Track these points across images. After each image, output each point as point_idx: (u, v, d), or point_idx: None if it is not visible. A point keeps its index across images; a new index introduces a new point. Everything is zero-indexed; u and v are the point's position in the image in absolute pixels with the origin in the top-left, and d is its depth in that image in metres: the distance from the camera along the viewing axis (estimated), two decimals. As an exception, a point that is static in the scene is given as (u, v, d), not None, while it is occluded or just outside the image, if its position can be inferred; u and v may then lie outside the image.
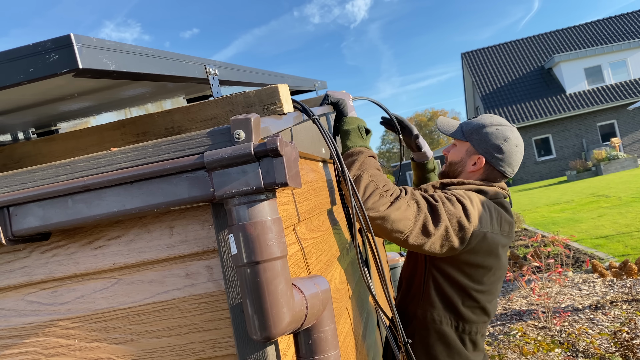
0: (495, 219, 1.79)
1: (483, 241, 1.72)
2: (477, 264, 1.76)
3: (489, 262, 1.78)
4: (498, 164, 1.90)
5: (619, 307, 5.82)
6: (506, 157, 1.90)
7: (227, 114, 1.24)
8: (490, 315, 1.86)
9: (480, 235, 1.70)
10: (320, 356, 0.95)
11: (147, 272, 1.00)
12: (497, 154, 1.89)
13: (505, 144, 1.89)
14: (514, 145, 1.90)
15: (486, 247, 1.74)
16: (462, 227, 1.66)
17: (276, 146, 0.81)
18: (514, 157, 1.91)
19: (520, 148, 1.93)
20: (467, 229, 1.67)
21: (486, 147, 1.91)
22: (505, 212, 1.88)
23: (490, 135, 1.91)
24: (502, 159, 1.90)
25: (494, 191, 1.87)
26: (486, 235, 1.73)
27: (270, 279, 0.84)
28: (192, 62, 1.12)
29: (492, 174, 1.93)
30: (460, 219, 1.66)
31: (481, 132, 1.93)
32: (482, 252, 1.75)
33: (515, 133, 1.93)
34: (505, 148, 1.89)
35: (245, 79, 1.51)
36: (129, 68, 0.86)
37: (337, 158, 1.38)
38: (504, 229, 1.83)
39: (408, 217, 1.60)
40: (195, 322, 0.98)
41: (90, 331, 1.02)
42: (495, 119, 1.97)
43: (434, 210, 1.65)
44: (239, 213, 0.86)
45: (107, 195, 0.87)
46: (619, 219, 10.54)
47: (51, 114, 1.52)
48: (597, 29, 30.70)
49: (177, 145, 0.90)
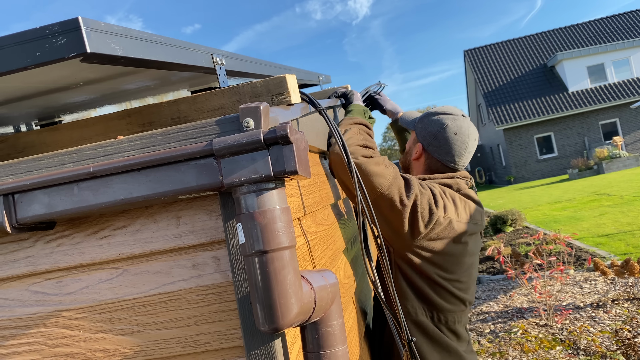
0: (462, 208, 1.79)
1: (448, 228, 1.71)
2: (442, 251, 1.73)
3: (455, 249, 1.76)
4: (435, 152, 1.89)
5: (620, 305, 5.81)
6: (442, 145, 1.87)
7: (234, 104, 1.22)
8: (467, 303, 1.83)
9: (445, 222, 1.70)
10: (327, 351, 0.94)
11: (153, 262, 0.99)
12: (433, 141, 1.88)
13: (441, 132, 1.87)
14: (451, 133, 1.86)
15: (452, 234, 1.73)
16: (430, 210, 1.66)
17: (286, 133, 0.79)
18: (452, 145, 1.86)
19: (461, 137, 1.87)
20: (434, 212, 1.66)
21: (424, 135, 1.92)
22: (472, 201, 1.87)
23: (429, 123, 1.91)
24: (438, 146, 1.88)
25: (456, 184, 1.86)
26: (452, 222, 1.72)
27: (278, 269, 0.83)
28: (200, 50, 1.11)
29: (433, 163, 1.92)
30: (429, 200, 1.66)
31: (424, 121, 1.94)
32: (446, 239, 1.73)
33: (457, 122, 1.89)
34: (442, 135, 1.87)
35: (251, 70, 1.49)
36: (137, 54, 0.84)
37: (343, 148, 1.37)
38: (474, 218, 1.83)
39: (385, 175, 1.59)
40: (201, 314, 0.97)
41: (95, 322, 1.01)
42: (444, 108, 1.96)
43: (408, 183, 1.65)
44: (247, 201, 0.84)
45: (114, 183, 0.86)
46: (621, 217, 10.52)
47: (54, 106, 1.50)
48: (600, 27, 30.60)
49: (185, 133, 0.89)
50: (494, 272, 8.24)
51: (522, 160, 27.73)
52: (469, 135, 1.89)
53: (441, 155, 1.88)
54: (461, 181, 1.88)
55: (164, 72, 1.42)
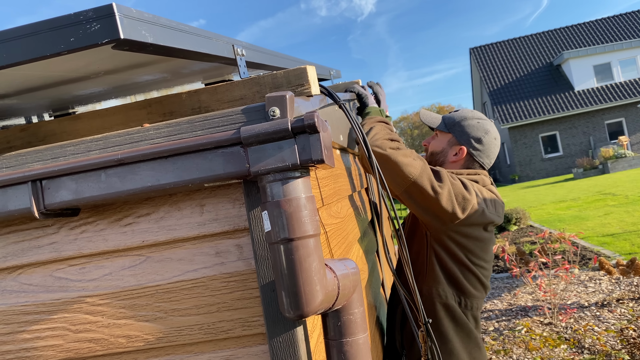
0: (489, 201, 1.92)
1: (482, 216, 1.85)
2: (474, 236, 1.88)
3: (484, 236, 1.91)
4: (478, 155, 2.03)
5: (625, 304, 5.80)
6: (485, 148, 2.02)
7: (254, 95, 1.23)
8: (487, 289, 1.98)
9: (480, 210, 1.83)
10: (349, 338, 0.95)
11: (176, 250, 1.00)
12: (478, 144, 2.02)
13: (486, 136, 2.02)
14: (492, 138, 2.03)
15: (483, 221, 1.87)
16: (464, 197, 1.78)
17: (314, 122, 0.80)
18: (493, 149, 2.04)
19: (498, 142, 2.06)
20: (469, 199, 1.79)
21: (468, 139, 2.03)
22: (495, 196, 2.00)
23: (472, 128, 2.03)
24: (482, 150, 2.02)
25: (482, 179, 1.99)
26: (484, 210, 1.86)
27: (304, 257, 0.84)
28: (222, 41, 1.11)
29: (472, 164, 2.05)
30: (461, 190, 1.79)
31: (463, 125, 2.05)
32: (479, 226, 1.87)
33: (494, 127, 2.05)
34: (486, 140, 2.02)
35: (269, 62, 1.50)
36: (165, 42, 0.85)
37: (363, 140, 1.39)
38: (498, 210, 1.97)
39: (414, 165, 1.70)
40: (224, 301, 0.98)
41: (118, 308, 1.02)
42: (476, 113, 2.09)
43: (437, 173, 1.77)
44: (273, 190, 0.85)
45: (141, 170, 0.87)
46: (626, 217, 10.49)
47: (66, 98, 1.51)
48: (606, 26, 30.45)
49: (210, 122, 0.89)
50: (498, 270, 8.24)
51: (527, 159, 27.66)
52: (499, 139, 2.09)
53: (482, 158, 2.03)
54: (486, 178, 2.02)
55: (176, 65, 1.43)
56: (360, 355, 0.94)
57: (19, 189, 0.90)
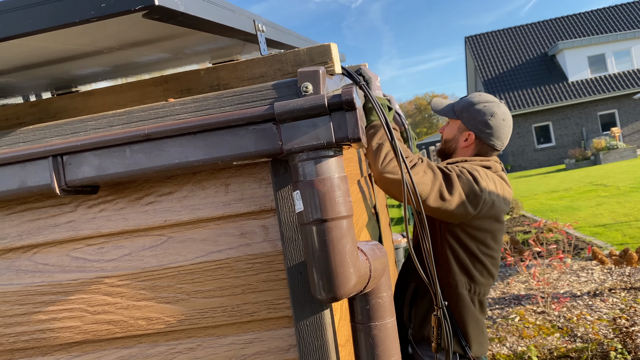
0: (500, 189, 1.95)
1: (492, 208, 1.88)
2: (485, 229, 1.92)
3: (494, 227, 1.96)
4: (488, 138, 2.04)
5: (617, 294, 5.85)
6: (494, 131, 2.03)
7: (275, 73, 1.19)
8: (495, 278, 2.04)
9: (490, 203, 1.86)
10: (378, 322, 0.93)
11: (200, 230, 0.96)
12: (486, 129, 2.03)
13: (492, 119, 2.02)
14: (501, 119, 2.03)
15: (493, 213, 1.91)
16: (475, 194, 1.81)
17: (352, 98, 0.77)
18: (502, 130, 2.04)
19: (508, 122, 2.06)
20: (479, 196, 1.81)
21: (475, 124, 2.04)
22: (505, 183, 2.04)
23: (479, 112, 2.05)
24: (490, 133, 2.03)
25: (494, 166, 2.03)
26: (494, 202, 1.89)
27: (338, 238, 0.81)
28: (244, 15, 1.07)
29: (484, 148, 2.07)
30: (472, 187, 1.81)
31: (470, 110, 2.07)
32: (490, 218, 1.91)
33: (502, 108, 2.06)
34: (493, 123, 2.02)
35: (286, 40, 1.46)
36: (195, 12, 0.81)
37: (386, 123, 1.36)
38: (506, 198, 1.99)
39: (425, 182, 1.73)
40: (249, 283, 0.95)
41: (138, 289, 0.99)
42: (484, 96, 2.10)
43: (448, 178, 1.79)
44: (305, 169, 0.82)
45: (169, 146, 0.83)
46: (618, 208, 10.57)
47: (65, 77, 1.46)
48: (602, 17, 30.45)
49: (240, 97, 0.86)
50: (492, 258, 8.29)
51: (520, 149, 27.76)
52: (511, 120, 2.09)
53: (493, 140, 2.04)
54: (497, 164, 2.05)
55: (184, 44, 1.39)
56: (388, 339, 0.92)
57: (39, 164, 0.86)
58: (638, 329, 4.72)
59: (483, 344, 2.01)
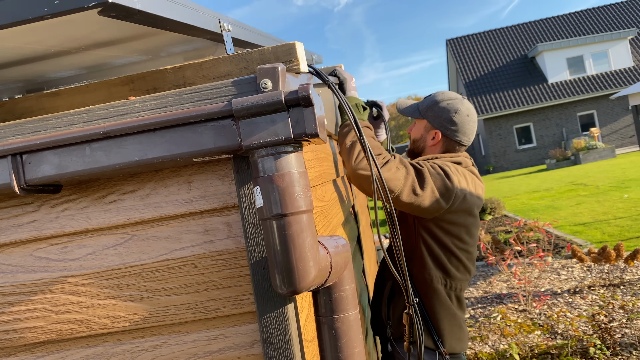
0: (471, 183, 1.99)
1: (464, 201, 1.92)
2: (459, 223, 1.96)
3: (468, 221, 1.99)
4: (454, 135, 2.08)
5: (596, 291, 5.94)
6: (460, 127, 2.08)
7: (241, 71, 1.20)
8: (471, 273, 2.07)
9: (461, 196, 1.90)
10: (340, 315, 0.94)
11: (163, 227, 0.97)
12: (451, 125, 2.07)
13: (456, 116, 2.07)
14: (465, 115, 2.07)
15: (466, 207, 1.95)
16: (447, 188, 1.85)
17: (308, 94, 0.78)
18: (467, 126, 2.09)
19: (472, 117, 2.11)
20: (451, 190, 1.85)
21: (440, 121, 2.09)
22: (477, 177, 2.09)
23: (443, 110, 2.09)
24: (456, 129, 2.07)
25: (464, 161, 2.07)
26: (466, 196, 1.93)
27: (297, 232, 0.82)
28: (208, 14, 1.08)
29: (451, 144, 2.11)
30: (444, 181, 1.85)
31: (434, 108, 2.11)
32: (462, 212, 1.95)
33: (465, 104, 2.10)
34: (457, 119, 2.07)
35: (255, 40, 1.47)
36: (153, 10, 0.81)
37: (354, 120, 1.38)
38: (478, 192, 2.04)
39: (398, 177, 1.77)
40: (213, 279, 0.96)
41: (102, 288, 0.99)
42: (446, 94, 2.15)
43: (420, 174, 1.83)
44: (265, 165, 0.83)
45: (128, 144, 0.83)
46: (597, 207, 10.73)
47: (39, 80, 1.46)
48: (580, 19, 30.94)
49: (199, 94, 0.87)
50: (474, 258, 8.36)
51: (502, 150, 28.04)
52: (475, 115, 2.13)
53: (459, 136, 2.08)
54: (467, 159, 2.09)
55: (157, 44, 1.39)
56: (351, 331, 0.93)
57: (-3, 164, 0.86)
58: (616, 325, 4.80)
59: (462, 339, 2.03)
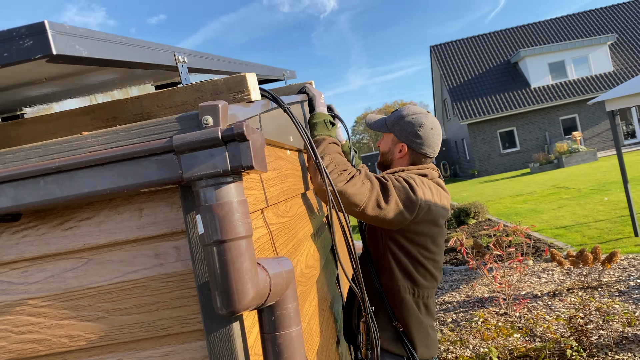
0: (436, 195, 2.06)
1: (428, 212, 1.99)
2: (424, 233, 2.03)
3: (433, 231, 2.06)
4: (419, 148, 2.17)
5: (575, 294, 6.04)
6: (425, 140, 2.17)
7: (195, 101, 1.27)
8: (438, 280, 2.14)
9: (426, 208, 1.97)
10: (283, 331, 1.01)
11: (117, 252, 1.04)
12: (417, 139, 2.17)
13: (421, 130, 2.16)
14: (429, 129, 2.17)
15: (430, 218, 2.02)
16: (410, 200, 1.92)
17: (243, 131, 0.86)
18: (432, 139, 2.18)
19: (437, 130, 2.19)
20: (415, 202, 1.92)
21: (406, 135, 2.18)
22: (442, 189, 2.16)
23: (408, 124, 2.18)
24: (421, 142, 2.17)
25: (430, 173, 2.15)
26: (430, 207, 2.00)
27: (235, 257, 0.89)
28: (162, 49, 1.15)
29: (417, 157, 2.20)
30: (408, 194, 1.92)
31: (400, 123, 2.21)
32: (427, 222, 2.02)
33: (430, 118, 2.20)
34: (422, 133, 2.16)
35: (215, 67, 1.54)
36: (101, 55, 0.89)
37: (309, 142, 1.47)
38: (443, 203, 2.11)
39: (363, 192, 1.84)
40: (163, 300, 1.03)
41: (60, 309, 1.05)
42: (411, 109, 2.25)
43: (385, 188, 1.91)
44: (206, 194, 0.91)
45: (79, 177, 0.91)
46: (578, 210, 10.90)
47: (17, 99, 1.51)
48: (561, 25, 31.42)
49: (146, 129, 0.94)
50: (457, 263, 8.46)
51: (486, 154, 28.33)
52: (439, 127, 2.23)
53: (424, 149, 2.17)
54: (433, 171, 2.18)
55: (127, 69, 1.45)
56: (293, 346, 1.01)
57: (-43, 196, 0.92)
58: (593, 327, 4.91)
59: (430, 346, 2.10)
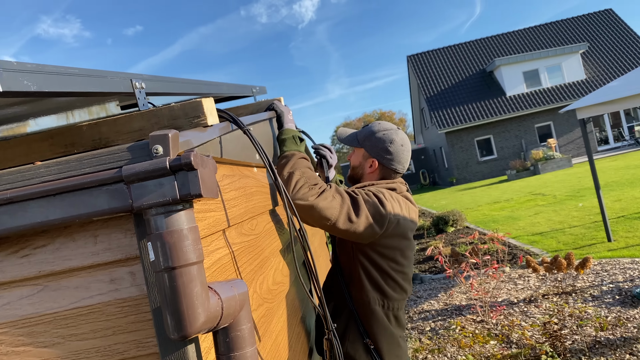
0: (404, 208, 2.11)
1: (398, 226, 2.03)
2: (393, 246, 2.06)
3: (402, 244, 2.10)
4: (389, 164, 2.21)
5: (550, 299, 6.14)
6: (395, 156, 2.21)
7: (152, 127, 1.29)
8: (408, 292, 2.17)
9: (395, 221, 2.01)
10: (237, 352, 1.04)
11: (72, 278, 1.05)
12: (387, 155, 2.21)
13: (391, 146, 2.21)
14: (399, 145, 2.21)
15: (400, 232, 2.05)
16: (381, 214, 1.95)
17: (190, 161, 0.89)
18: (402, 155, 2.22)
19: (406, 147, 2.24)
20: (385, 216, 1.96)
21: (377, 151, 2.23)
22: (410, 202, 2.21)
23: (379, 140, 2.23)
24: (391, 158, 2.21)
25: (399, 187, 2.20)
26: (399, 221, 2.03)
27: (186, 283, 0.92)
28: (118, 77, 1.18)
29: (387, 172, 2.24)
30: (377, 208, 1.96)
31: (371, 139, 2.25)
32: (397, 236, 2.05)
33: (400, 135, 2.25)
34: (392, 149, 2.21)
35: (176, 90, 1.57)
36: (51, 88, 0.91)
37: (267, 161, 1.51)
38: (412, 216, 2.16)
39: (334, 206, 1.88)
40: (119, 325, 1.05)
41: (16, 336, 1.06)
42: (383, 125, 2.30)
43: (355, 202, 1.95)
44: (156, 222, 0.93)
45: (31, 207, 0.93)
46: (554, 216, 11.09)
47: None
48: (535, 34, 32.08)
49: (98, 159, 0.96)
50: (435, 271, 8.53)
51: (464, 162, 28.66)
52: (409, 144, 2.28)
53: (394, 164, 2.22)
54: (402, 185, 2.23)
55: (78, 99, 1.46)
56: (247, 368, 1.03)
57: None
58: (567, 332, 5.00)
59: (400, 356, 2.13)
